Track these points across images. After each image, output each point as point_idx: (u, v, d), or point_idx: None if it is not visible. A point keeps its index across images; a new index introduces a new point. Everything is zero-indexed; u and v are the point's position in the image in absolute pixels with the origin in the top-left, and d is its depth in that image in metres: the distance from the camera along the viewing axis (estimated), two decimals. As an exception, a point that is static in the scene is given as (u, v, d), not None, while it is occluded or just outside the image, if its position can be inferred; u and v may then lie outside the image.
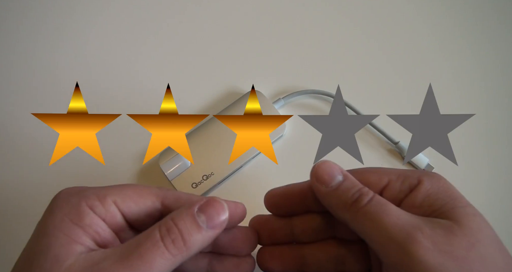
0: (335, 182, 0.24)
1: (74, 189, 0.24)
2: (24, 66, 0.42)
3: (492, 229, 0.22)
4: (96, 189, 0.24)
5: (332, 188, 0.24)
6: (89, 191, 0.24)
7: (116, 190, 0.24)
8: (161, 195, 0.25)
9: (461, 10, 0.45)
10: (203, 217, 0.23)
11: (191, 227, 0.22)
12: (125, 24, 0.44)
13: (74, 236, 0.22)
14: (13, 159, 0.39)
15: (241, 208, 0.26)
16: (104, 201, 0.23)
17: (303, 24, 0.44)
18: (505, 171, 0.39)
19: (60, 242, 0.22)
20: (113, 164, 0.38)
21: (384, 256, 0.22)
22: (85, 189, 0.24)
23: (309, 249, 0.28)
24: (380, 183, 0.25)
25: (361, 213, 0.23)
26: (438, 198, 0.23)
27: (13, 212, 0.37)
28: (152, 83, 0.41)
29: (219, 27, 0.44)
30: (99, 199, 0.23)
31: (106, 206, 0.23)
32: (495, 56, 0.43)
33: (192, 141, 0.37)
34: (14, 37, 0.43)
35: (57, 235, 0.22)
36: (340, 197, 0.24)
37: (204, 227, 0.23)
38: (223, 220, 0.23)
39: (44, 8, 0.44)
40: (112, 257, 0.21)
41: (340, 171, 0.25)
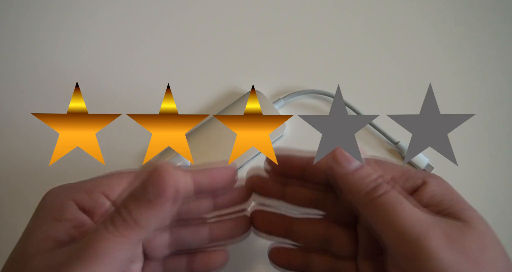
0: (354, 165, 0.24)
1: (63, 187, 0.25)
2: (24, 66, 0.42)
3: (495, 233, 0.22)
4: (84, 183, 0.24)
5: (349, 171, 0.24)
6: (77, 186, 0.24)
7: (103, 180, 0.24)
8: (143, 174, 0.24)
9: (462, 10, 0.45)
10: (142, 191, 0.22)
11: (128, 204, 0.21)
12: (125, 23, 0.44)
13: (50, 232, 0.22)
14: (13, 159, 0.39)
15: (227, 173, 0.26)
16: (92, 193, 0.24)
17: (303, 24, 0.44)
18: (505, 171, 0.39)
19: (35, 240, 0.22)
20: (113, 164, 0.38)
21: (395, 248, 0.22)
22: (73, 185, 0.24)
23: (298, 223, 0.28)
24: (383, 177, 0.24)
25: (375, 203, 0.22)
26: (444, 199, 0.23)
27: (12, 212, 0.37)
28: (152, 83, 0.41)
29: (220, 27, 0.44)
30: (87, 192, 0.24)
31: (94, 197, 0.24)
32: (495, 56, 0.43)
33: (192, 141, 0.37)
34: (14, 37, 0.43)
35: (35, 233, 0.22)
36: (357, 182, 0.23)
37: (144, 200, 0.21)
38: (166, 193, 0.21)
39: (44, 8, 0.44)
40: (72, 252, 0.21)
41: (361, 156, 0.24)
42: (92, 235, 0.21)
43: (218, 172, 0.26)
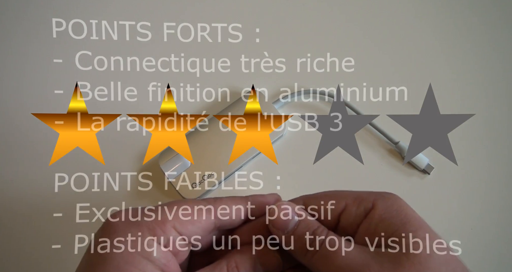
0: (291, 226, 0.25)
1: (128, 216, 0.24)
2: (24, 66, 0.42)
3: (446, 249, 0.23)
4: (152, 215, 0.24)
5: (289, 234, 0.25)
6: (146, 219, 0.24)
7: (172, 213, 0.25)
8: (212, 209, 0.26)
9: (462, 10, 0.45)
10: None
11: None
12: (125, 23, 0.44)
13: (147, 271, 0.23)
14: (13, 159, 0.39)
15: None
16: (165, 228, 0.24)
17: (303, 24, 0.44)
18: (505, 171, 0.39)
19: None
20: (113, 164, 0.38)
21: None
22: (139, 214, 0.24)
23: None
24: (337, 208, 0.25)
25: (315, 258, 0.24)
26: (391, 223, 0.24)
27: (12, 212, 0.37)
28: (152, 83, 0.41)
29: (219, 26, 0.44)
30: (160, 227, 0.24)
31: (167, 232, 0.24)
32: (495, 56, 0.43)
33: (192, 141, 0.37)
34: (14, 37, 0.43)
35: (132, 271, 0.22)
36: (297, 243, 0.25)
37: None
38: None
39: (44, 7, 0.44)
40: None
41: (295, 212, 0.25)
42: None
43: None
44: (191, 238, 0.25)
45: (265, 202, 0.27)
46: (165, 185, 0.37)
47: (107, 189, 0.35)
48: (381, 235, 0.24)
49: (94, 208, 0.34)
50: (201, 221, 0.25)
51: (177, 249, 0.24)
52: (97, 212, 0.34)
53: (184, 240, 0.25)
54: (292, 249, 0.25)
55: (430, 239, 0.23)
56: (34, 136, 0.39)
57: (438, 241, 0.23)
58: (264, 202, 0.27)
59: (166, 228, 0.24)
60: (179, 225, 0.24)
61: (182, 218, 0.25)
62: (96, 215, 0.34)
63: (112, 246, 0.23)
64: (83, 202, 0.33)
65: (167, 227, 0.24)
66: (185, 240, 0.25)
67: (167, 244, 0.24)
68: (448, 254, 0.22)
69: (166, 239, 0.24)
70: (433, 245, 0.22)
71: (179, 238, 0.24)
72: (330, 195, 0.26)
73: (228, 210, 0.26)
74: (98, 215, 0.34)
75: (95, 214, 0.34)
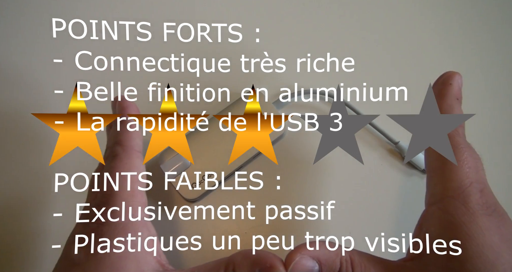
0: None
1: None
2: (24, 66, 0.42)
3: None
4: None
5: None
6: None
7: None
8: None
9: (462, 10, 0.45)
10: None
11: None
12: (125, 23, 0.44)
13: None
14: (13, 159, 0.39)
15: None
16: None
17: (303, 24, 0.44)
18: (505, 171, 0.39)
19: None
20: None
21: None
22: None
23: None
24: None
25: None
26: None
27: (12, 212, 0.37)
28: (152, 83, 0.41)
29: (219, 26, 0.44)
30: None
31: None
32: (495, 56, 0.43)
33: (192, 141, 0.37)
34: (14, 37, 0.43)
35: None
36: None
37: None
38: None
39: (44, 7, 0.44)
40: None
41: (313, 262, 0.24)
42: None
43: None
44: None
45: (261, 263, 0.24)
46: (165, 185, 0.37)
47: (106, 189, 0.35)
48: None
49: (94, 208, 0.33)
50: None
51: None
52: (97, 212, 0.34)
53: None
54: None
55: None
56: (34, 136, 0.39)
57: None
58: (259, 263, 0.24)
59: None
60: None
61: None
62: (96, 215, 0.34)
63: (112, 246, 0.23)
64: (83, 202, 0.32)
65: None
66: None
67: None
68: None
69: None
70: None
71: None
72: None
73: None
74: (98, 215, 0.34)
75: (95, 214, 0.34)
